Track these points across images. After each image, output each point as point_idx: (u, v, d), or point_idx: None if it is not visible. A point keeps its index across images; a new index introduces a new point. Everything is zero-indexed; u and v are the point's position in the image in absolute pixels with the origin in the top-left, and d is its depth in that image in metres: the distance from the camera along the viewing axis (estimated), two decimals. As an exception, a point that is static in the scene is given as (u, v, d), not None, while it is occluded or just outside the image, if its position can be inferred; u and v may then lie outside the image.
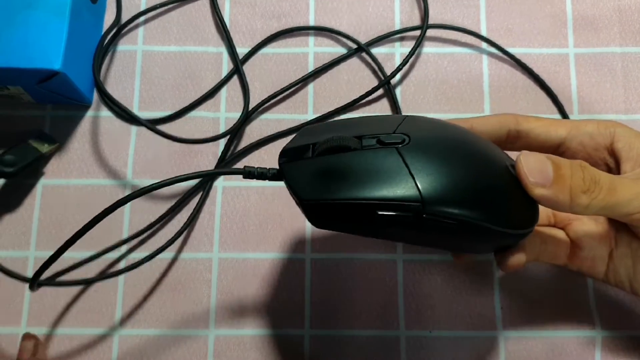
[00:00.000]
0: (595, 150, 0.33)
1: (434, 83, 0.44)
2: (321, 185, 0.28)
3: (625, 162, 0.32)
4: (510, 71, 0.44)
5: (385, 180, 0.27)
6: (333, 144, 0.28)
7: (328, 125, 0.32)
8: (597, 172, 0.29)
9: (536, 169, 0.28)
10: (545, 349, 0.39)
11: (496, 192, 0.28)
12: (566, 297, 0.39)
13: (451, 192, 0.27)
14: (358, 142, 0.28)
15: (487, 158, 0.29)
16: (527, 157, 0.28)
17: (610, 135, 0.33)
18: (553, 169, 0.28)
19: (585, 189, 0.28)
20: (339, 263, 0.40)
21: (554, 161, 0.28)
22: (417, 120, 0.31)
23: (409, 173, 0.27)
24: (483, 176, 0.28)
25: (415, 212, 0.27)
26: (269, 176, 0.30)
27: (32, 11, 0.38)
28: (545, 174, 0.28)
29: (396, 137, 0.28)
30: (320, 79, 0.44)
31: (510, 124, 0.34)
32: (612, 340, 0.38)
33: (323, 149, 0.29)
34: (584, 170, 0.29)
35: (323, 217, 0.28)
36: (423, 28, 0.44)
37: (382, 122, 0.30)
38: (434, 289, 0.40)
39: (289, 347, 0.39)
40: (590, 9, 0.45)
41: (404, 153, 0.27)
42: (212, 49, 0.45)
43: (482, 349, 0.39)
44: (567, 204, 0.28)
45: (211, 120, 0.43)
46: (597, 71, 0.44)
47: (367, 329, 0.39)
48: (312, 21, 0.45)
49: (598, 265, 0.34)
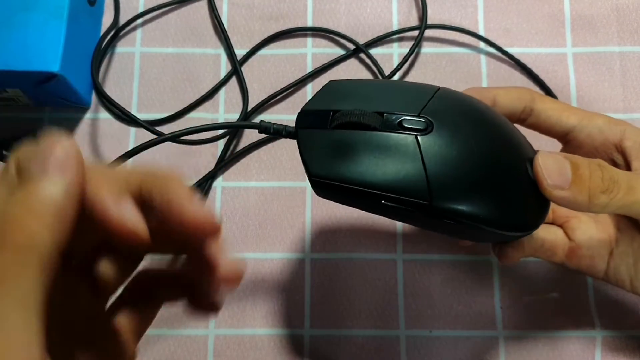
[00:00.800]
0: (602, 144, 0.33)
1: (433, 83, 0.43)
2: (331, 163, 0.27)
3: (636, 160, 0.32)
4: (509, 71, 0.44)
5: (398, 170, 0.26)
6: (353, 119, 0.27)
7: (356, 87, 0.30)
8: (615, 171, 0.28)
9: (555, 171, 0.27)
10: (545, 349, 0.38)
11: (509, 196, 0.28)
12: (566, 297, 0.39)
13: (462, 194, 0.27)
14: (379, 120, 0.27)
15: (508, 154, 0.28)
16: (545, 159, 0.28)
17: (620, 133, 0.32)
18: (572, 169, 0.27)
19: (605, 188, 0.28)
20: (339, 263, 0.40)
21: (573, 161, 0.28)
22: (448, 98, 0.29)
23: (423, 167, 0.26)
24: (498, 177, 0.28)
25: (421, 208, 0.27)
26: (284, 134, 0.29)
27: (30, 13, 0.38)
28: (564, 176, 0.27)
29: (419, 122, 0.27)
30: (318, 79, 0.44)
31: (527, 100, 0.33)
32: (612, 340, 0.38)
33: (341, 123, 0.28)
34: (603, 169, 0.28)
35: (328, 193, 0.28)
36: (421, 28, 0.44)
37: (412, 93, 0.29)
38: (434, 289, 0.40)
39: (288, 347, 0.39)
40: (588, 9, 0.45)
41: (423, 143, 0.27)
42: (210, 51, 0.45)
43: (482, 349, 0.39)
44: (585, 204, 0.28)
45: (210, 122, 0.43)
46: (596, 70, 0.44)
47: (367, 328, 0.39)
48: (310, 22, 0.45)
49: (597, 264, 0.34)
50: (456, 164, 0.27)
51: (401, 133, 0.27)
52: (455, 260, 0.40)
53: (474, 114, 0.29)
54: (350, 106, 0.28)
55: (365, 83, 0.31)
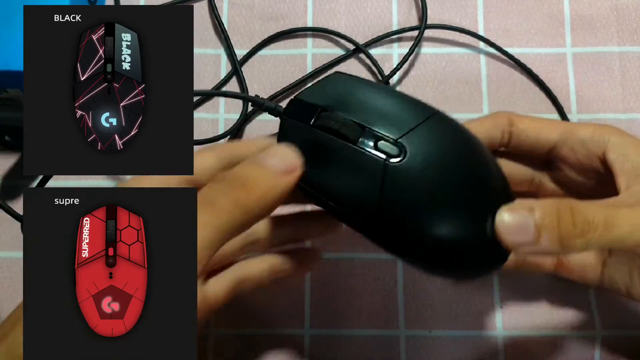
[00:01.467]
0: (586, 157, 0.31)
1: (432, 83, 0.44)
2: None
3: (620, 175, 0.29)
4: (509, 71, 0.44)
5: (355, 189, 0.27)
6: (332, 127, 0.28)
7: (354, 88, 0.30)
8: (588, 209, 0.26)
9: (517, 229, 0.25)
10: (545, 349, 0.38)
11: (462, 243, 0.27)
12: (566, 297, 0.39)
13: (410, 231, 0.27)
14: (359, 133, 0.27)
15: (474, 201, 0.27)
16: (504, 215, 0.26)
17: (604, 144, 0.30)
18: (536, 222, 0.25)
19: (578, 232, 0.25)
20: (339, 263, 0.40)
21: (538, 212, 0.25)
22: (437, 128, 0.29)
23: (380, 194, 0.26)
24: (455, 225, 0.27)
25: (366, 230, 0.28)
26: (273, 112, 0.31)
27: (31, 13, 0.38)
28: (527, 233, 0.25)
29: (394, 148, 0.27)
30: (318, 79, 0.44)
31: (503, 124, 0.32)
32: (612, 340, 0.38)
33: (322, 125, 0.28)
34: (574, 212, 0.25)
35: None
36: (421, 28, 0.44)
37: (405, 113, 0.29)
38: (434, 288, 0.40)
39: (289, 347, 0.39)
40: (588, 9, 0.45)
41: (390, 170, 0.26)
42: (210, 51, 0.45)
43: (482, 348, 0.39)
44: (560, 251, 0.26)
45: (210, 122, 0.43)
46: (595, 70, 0.44)
47: (367, 328, 0.39)
48: (310, 22, 0.45)
49: (589, 274, 0.33)
50: (413, 199, 0.27)
51: (372, 154, 0.27)
52: (455, 260, 0.40)
53: (455, 151, 0.28)
54: (341, 108, 0.29)
55: (365, 87, 0.31)
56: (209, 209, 0.25)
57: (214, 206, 0.26)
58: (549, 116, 0.43)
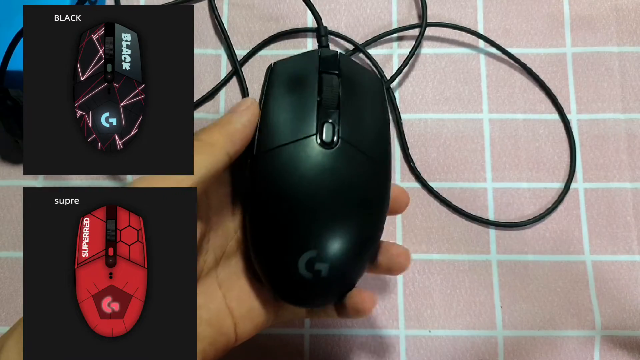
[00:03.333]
0: None
1: (432, 83, 0.44)
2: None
3: None
4: (509, 71, 0.44)
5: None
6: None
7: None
8: None
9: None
10: (545, 349, 0.38)
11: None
12: (566, 297, 0.39)
13: None
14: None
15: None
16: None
17: None
18: None
19: None
20: (339, 263, 0.40)
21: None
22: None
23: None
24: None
25: None
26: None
27: (31, 14, 0.39)
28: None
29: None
30: (318, 80, 0.44)
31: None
32: (612, 340, 0.38)
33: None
34: None
35: None
36: (422, 26, 0.44)
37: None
38: (434, 288, 0.40)
39: (289, 347, 0.39)
40: (588, 9, 0.45)
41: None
42: (210, 51, 0.45)
43: (482, 349, 0.39)
44: None
45: (210, 122, 0.43)
46: (595, 71, 0.44)
47: (367, 328, 0.39)
48: (310, 22, 0.45)
49: None
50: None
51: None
52: (455, 260, 0.40)
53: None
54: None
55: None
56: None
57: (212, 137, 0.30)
58: (549, 116, 0.43)
